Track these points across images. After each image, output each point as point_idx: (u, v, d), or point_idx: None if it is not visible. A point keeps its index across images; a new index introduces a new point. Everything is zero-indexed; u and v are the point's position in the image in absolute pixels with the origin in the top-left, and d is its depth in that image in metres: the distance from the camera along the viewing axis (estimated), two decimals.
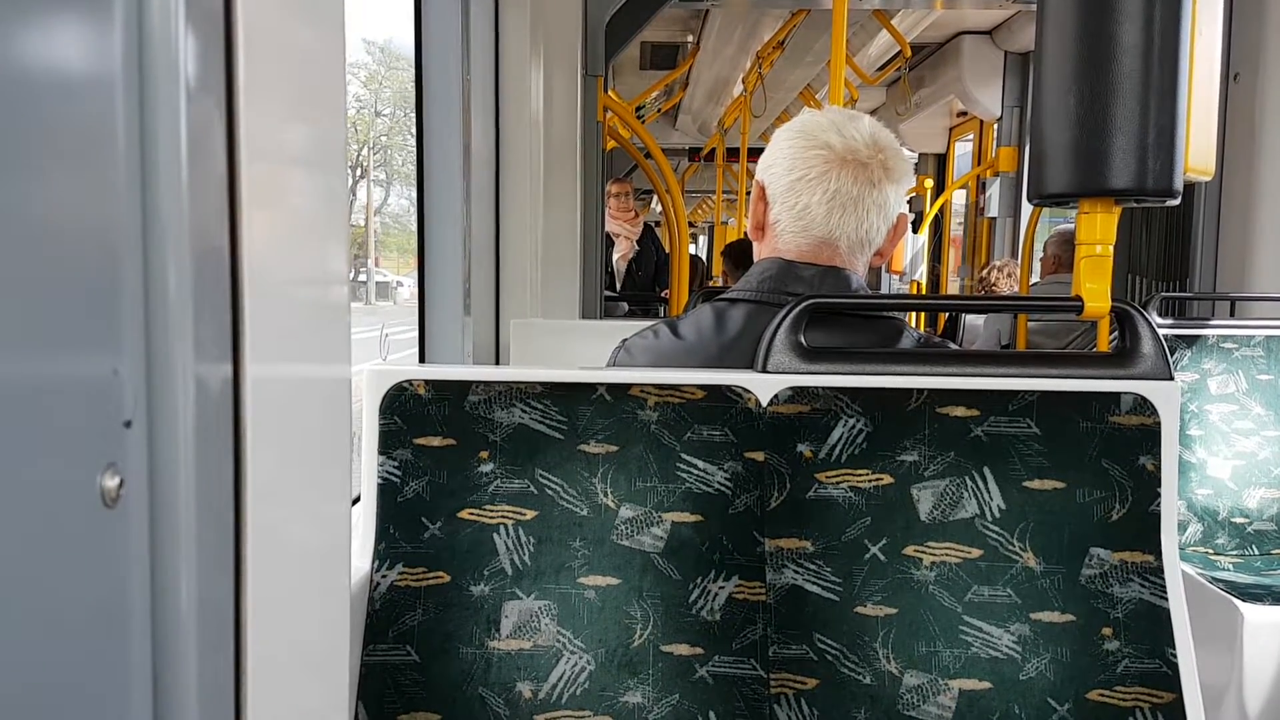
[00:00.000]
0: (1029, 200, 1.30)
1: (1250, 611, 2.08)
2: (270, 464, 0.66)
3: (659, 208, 6.63)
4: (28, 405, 0.48)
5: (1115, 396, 1.21)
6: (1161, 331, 1.26)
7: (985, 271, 5.50)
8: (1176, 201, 1.22)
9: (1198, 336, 2.69)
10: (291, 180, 0.71)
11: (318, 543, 0.77)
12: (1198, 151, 1.22)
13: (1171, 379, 1.22)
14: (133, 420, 0.55)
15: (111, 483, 0.54)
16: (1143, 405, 1.20)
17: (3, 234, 0.46)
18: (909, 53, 5.44)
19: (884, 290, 8.14)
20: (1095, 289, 1.26)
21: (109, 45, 0.54)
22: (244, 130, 0.61)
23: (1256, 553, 2.57)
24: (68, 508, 0.51)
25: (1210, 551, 2.57)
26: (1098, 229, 1.25)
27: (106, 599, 0.55)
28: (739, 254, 5.40)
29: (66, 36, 0.51)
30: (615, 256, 5.63)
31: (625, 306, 5.22)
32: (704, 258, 12.13)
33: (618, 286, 5.60)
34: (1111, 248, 1.26)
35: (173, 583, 0.58)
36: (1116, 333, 1.27)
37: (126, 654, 0.56)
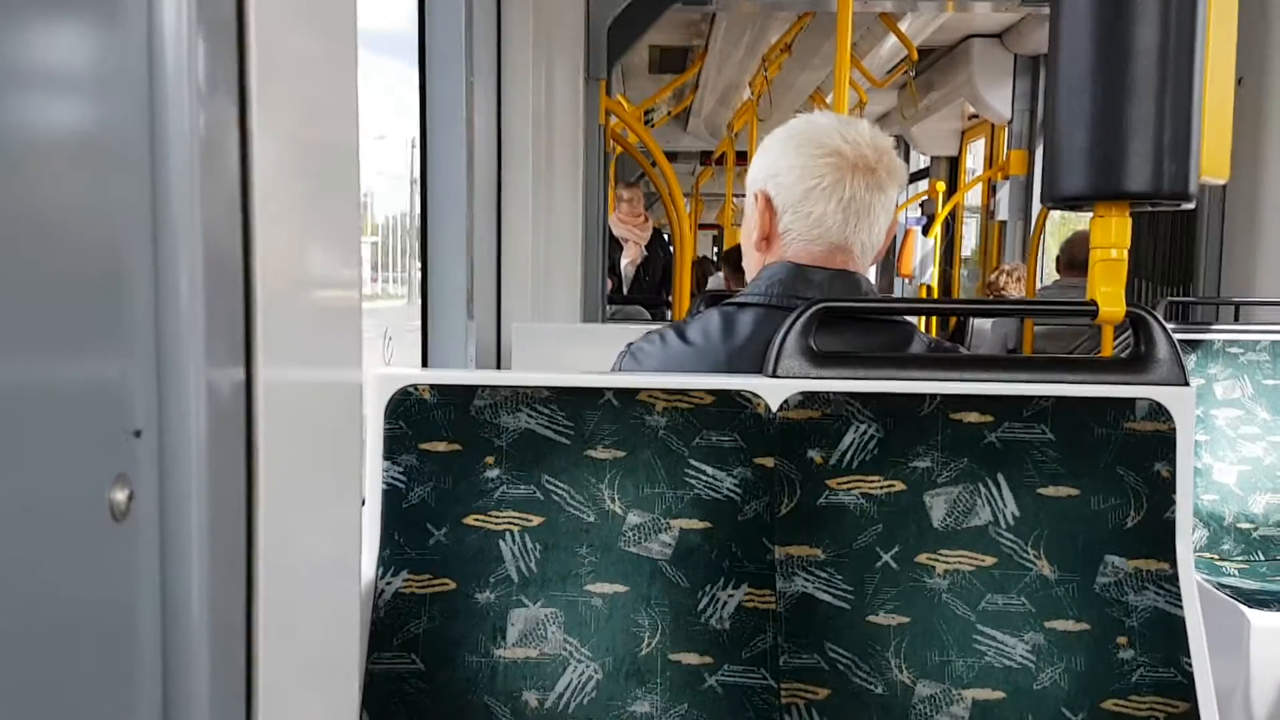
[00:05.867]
0: (1042, 202, 1.29)
1: (1257, 618, 2.07)
2: (282, 470, 0.65)
3: None
4: (35, 415, 0.47)
5: (1130, 402, 1.20)
6: None
7: (994, 275, 5.49)
8: (1191, 205, 1.21)
9: (1203, 341, 2.68)
10: (304, 184, 0.70)
11: (329, 550, 0.77)
12: (1212, 155, 1.21)
13: (1187, 384, 1.21)
14: (143, 430, 0.54)
15: (121, 495, 0.52)
16: (1158, 411, 1.19)
17: (13, 239, 0.46)
18: (915, 56, 5.45)
19: (896, 294, 8.13)
20: (1110, 293, 1.25)
21: (120, 51, 0.53)
22: (256, 135, 0.61)
23: (1262, 558, 2.55)
24: (75, 522, 0.50)
25: (1216, 557, 2.56)
26: (1112, 232, 1.24)
27: (115, 615, 0.54)
28: (739, 257, 5.37)
29: (77, 42, 0.50)
30: (624, 261, 5.62)
31: (646, 312, 5.20)
32: (714, 259, 12.12)
33: (624, 291, 5.59)
34: (1126, 251, 1.25)
35: (183, 598, 0.57)
36: (1130, 338, 1.26)
37: (135, 669, 0.55)
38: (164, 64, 0.55)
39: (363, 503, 1.22)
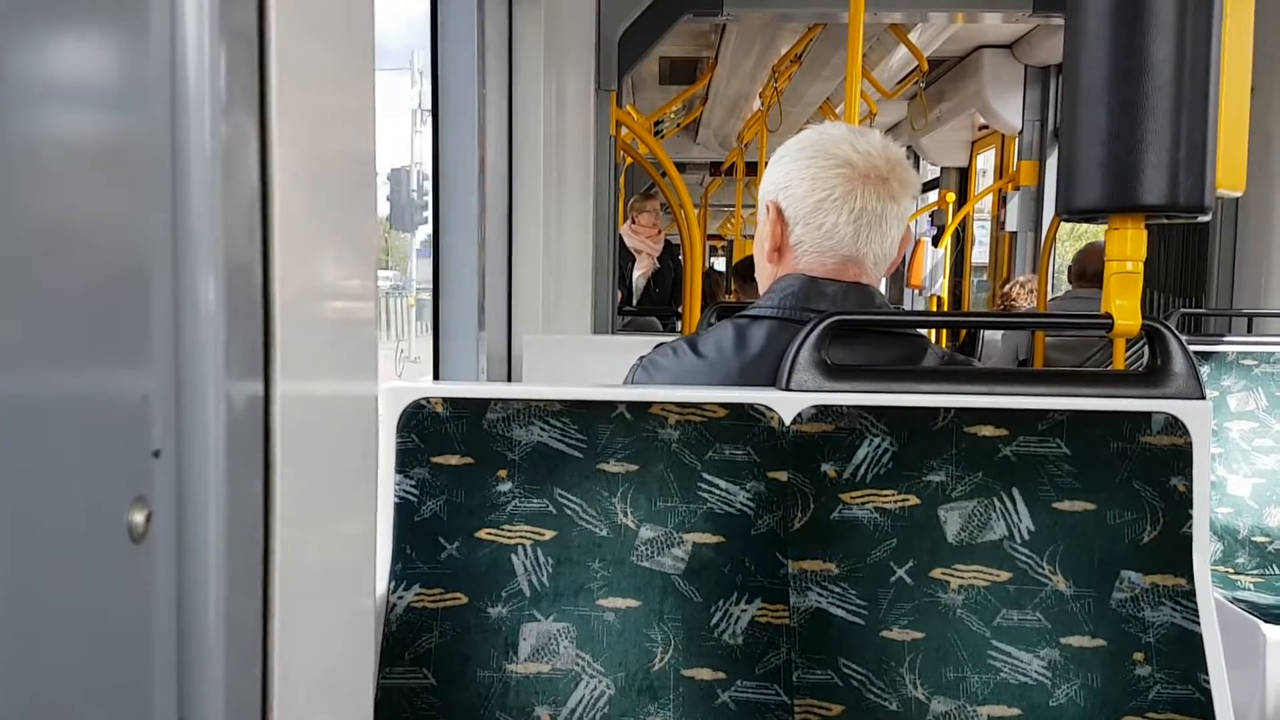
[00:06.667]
0: (1058, 214, 1.29)
1: (1273, 633, 2.06)
2: (299, 486, 0.65)
3: None
4: (53, 436, 0.46)
5: (1146, 416, 1.19)
6: None
7: (1006, 287, 5.48)
8: (1207, 218, 1.20)
9: (1216, 353, 2.67)
10: (322, 196, 0.70)
11: (345, 565, 0.76)
12: (1228, 167, 1.21)
13: (1203, 398, 1.20)
14: (161, 450, 0.53)
15: (139, 517, 0.51)
16: (1174, 425, 1.18)
17: (33, 251, 0.45)
18: (925, 67, 5.44)
19: (907, 305, 8.11)
20: (1126, 306, 1.25)
21: (141, 62, 0.53)
22: (276, 147, 0.60)
23: (1278, 572, 2.53)
24: (93, 544, 0.49)
25: (1231, 571, 2.54)
26: (1128, 245, 1.24)
27: (131, 637, 0.53)
28: (748, 269, 5.36)
29: (98, 53, 0.50)
30: (636, 273, 5.62)
31: (658, 323, 5.20)
32: (723, 272, 12.12)
33: (634, 302, 5.59)
34: (1142, 264, 1.25)
35: (200, 620, 0.56)
36: (1146, 350, 1.25)
37: (151, 690, 0.54)
38: (185, 75, 0.54)
39: None
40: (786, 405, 1.20)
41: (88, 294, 0.49)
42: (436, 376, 2.61)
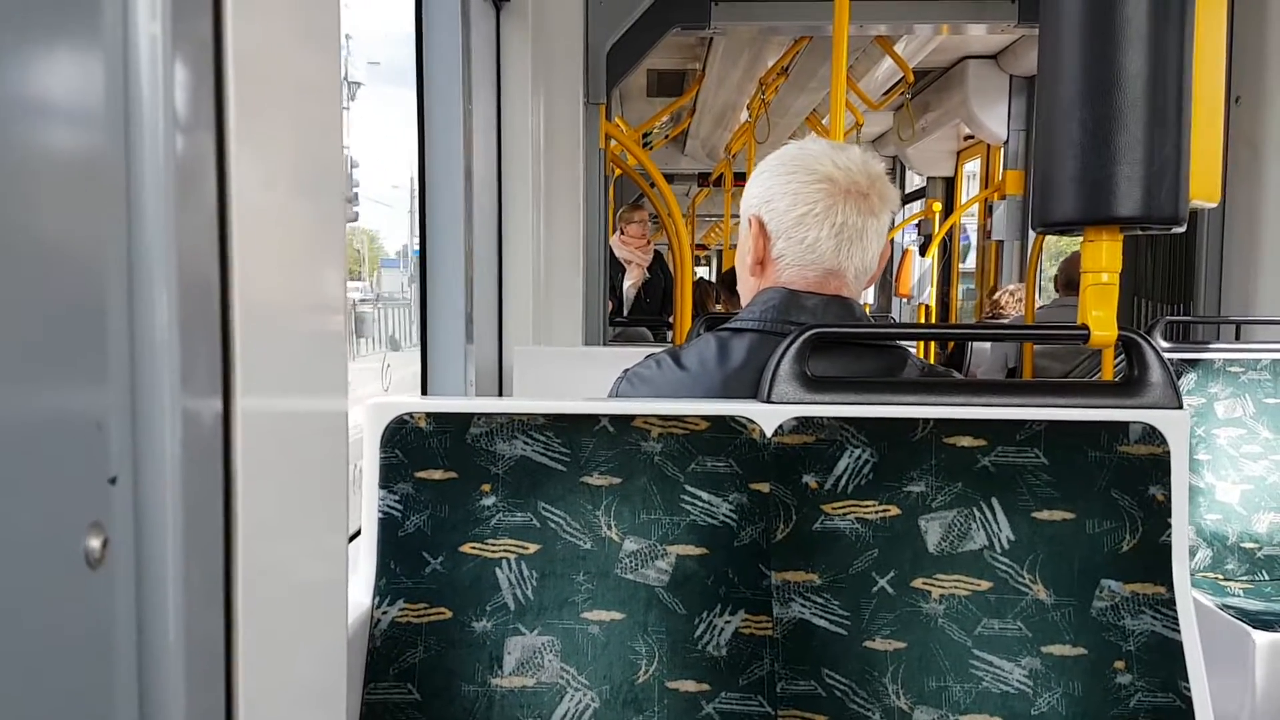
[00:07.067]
0: (1033, 228, 1.30)
1: (1262, 638, 2.06)
2: (263, 503, 0.64)
3: None
4: (5, 463, 0.46)
5: (1124, 426, 1.19)
6: (1167, 356, 1.25)
7: (996, 295, 5.49)
8: (1181, 229, 1.21)
9: (1203, 360, 2.68)
10: (285, 208, 0.69)
11: (313, 581, 0.76)
12: (1202, 179, 1.21)
13: (1181, 408, 1.21)
14: (118, 476, 0.53)
15: (95, 543, 0.51)
16: (1152, 435, 1.19)
17: None
18: (911, 78, 5.45)
19: (895, 313, 8.13)
20: (1101, 317, 1.26)
21: (93, 73, 0.52)
22: (235, 161, 0.60)
23: (1267, 578, 2.54)
24: (49, 572, 0.49)
25: (1220, 577, 2.55)
26: (1103, 257, 1.25)
27: (90, 665, 0.52)
28: (734, 280, 5.33)
29: (49, 65, 0.49)
30: (626, 284, 5.62)
31: (649, 334, 5.20)
32: (714, 281, 12.16)
33: (625, 312, 5.59)
34: (1117, 275, 1.26)
35: (160, 645, 0.55)
36: (1123, 360, 1.26)
37: (112, 717, 0.54)
38: (139, 87, 0.54)
39: (357, 532, 1.22)
40: (768, 417, 1.20)
41: (40, 317, 0.48)
42: (425, 391, 2.62)
